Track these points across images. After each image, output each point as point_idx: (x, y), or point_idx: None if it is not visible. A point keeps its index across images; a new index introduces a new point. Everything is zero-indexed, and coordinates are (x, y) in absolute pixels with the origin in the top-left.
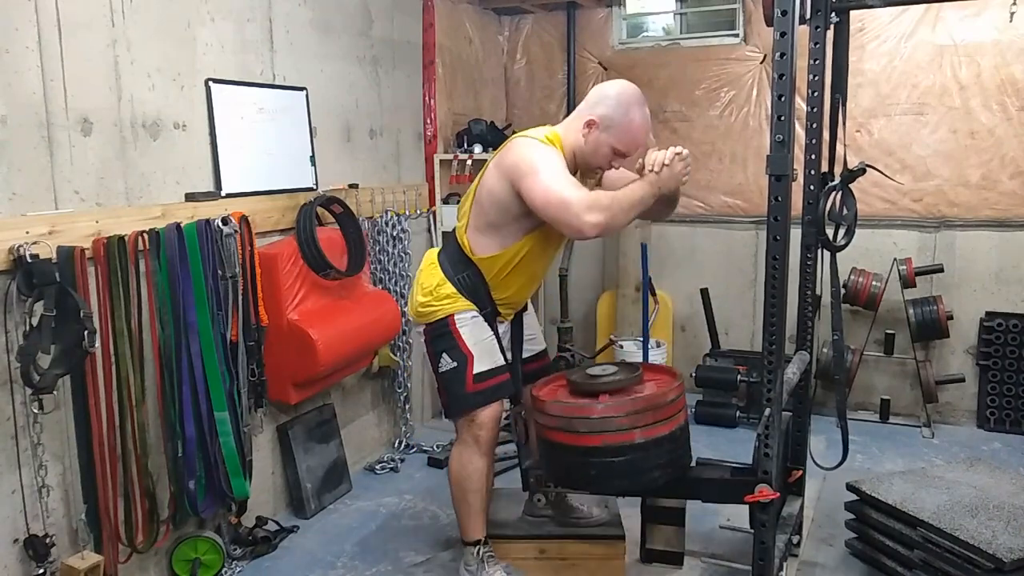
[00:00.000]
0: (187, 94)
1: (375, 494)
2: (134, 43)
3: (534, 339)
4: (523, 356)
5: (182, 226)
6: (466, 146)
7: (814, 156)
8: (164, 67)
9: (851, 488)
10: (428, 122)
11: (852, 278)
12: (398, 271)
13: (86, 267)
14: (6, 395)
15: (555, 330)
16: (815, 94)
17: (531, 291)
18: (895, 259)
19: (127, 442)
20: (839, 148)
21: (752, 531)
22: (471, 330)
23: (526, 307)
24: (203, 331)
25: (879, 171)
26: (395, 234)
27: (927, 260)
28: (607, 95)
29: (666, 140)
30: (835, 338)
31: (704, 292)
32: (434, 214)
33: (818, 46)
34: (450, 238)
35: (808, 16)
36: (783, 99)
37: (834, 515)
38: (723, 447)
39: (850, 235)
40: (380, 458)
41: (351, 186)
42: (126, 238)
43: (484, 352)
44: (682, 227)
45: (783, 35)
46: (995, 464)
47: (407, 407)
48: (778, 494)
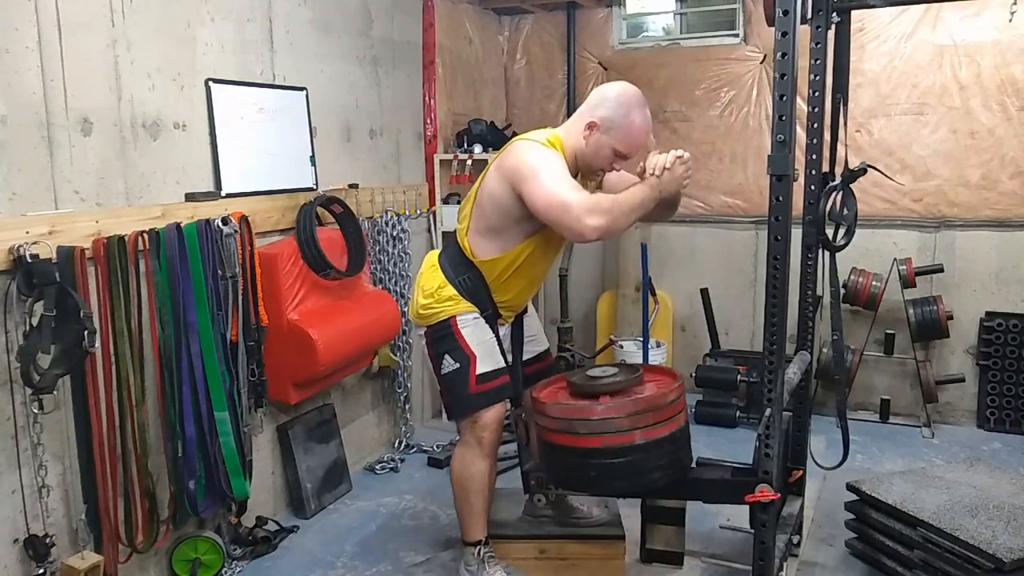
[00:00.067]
0: (187, 94)
1: (375, 494)
2: (134, 43)
3: (535, 339)
4: (526, 357)
5: (182, 226)
6: (466, 146)
7: (815, 156)
8: (164, 67)
9: (851, 488)
10: (428, 122)
11: (852, 278)
12: (398, 271)
13: (86, 267)
14: (6, 395)
15: (555, 330)
16: (816, 94)
17: (531, 294)
18: (895, 259)
19: (127, 442)
20: (840, 148)
21: (752, 531)
22: (473, 331)
23: (526, 309)
24: (203, 331)
25: (880, 171)
26: (395, 234)
27: (927, 260)
28: (607, 97)
29: (666, 140)
30: (835, 338)
31: (704, 292)
32: (434, 214)
33: (819, 46)
34: (451, 240)
35: (809, 16)
36: (784, 99)
37: (834, 515)
38: (723, 447)
39: (850, 235)
40: (380, 458)
41: (351, 186)
42: (126, 238)
43: (486, 353)
44: (682, 227)
45: (784, 35)
46: (995, 464)
47: (407, 407)
48: (778, 494)
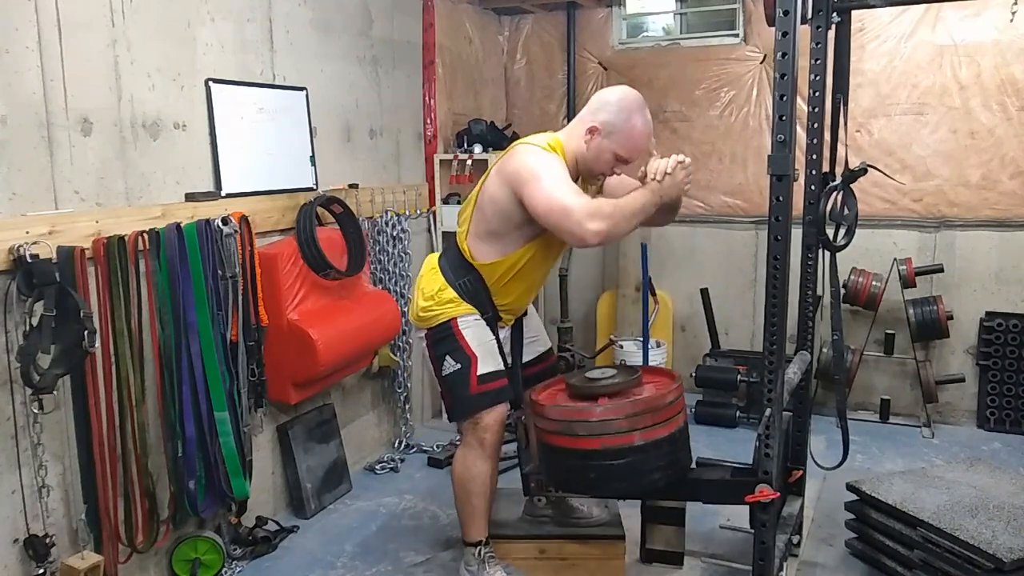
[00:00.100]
0: (187, 94)
1: (375, 494)
2: (134, 43)
3: (537, 340)
4: (528, 358)
5: (182, 226)
6: (466, 146)
7: (815, 156)
8: (164, 67)
9: (851, 488)
10: (428, 122)
11: (852, 278)
12: (398, 271)
13: (86, 267)
14: (6, 395)
15: (555, 330)
16: (816, 94)
17: (531, 297)
18: (895, 259)
19: (127, 442)
20: (840, 148)
21: (752, 531)
22: (474, 332)
23: (526, 311)
24: (203, 331)
25: (880, 171)
26: (395, 234)
27: (927, 260)
28: (608, 101)
29: (666, 140)
30: (835, 338)
31: (704, 292)
32: (434, 214)
33: (819, 46)
34: (450, 243)
35: (809, 16)
36: (785, 99)
37: (834, 515)
38: (723, 447)
39: (850, 235)
40: (380, 458)
41: (351, 186)
42: (126, 238)
43: (487, 354)
44: (682, 227)
45: (785, 35)
46: (995, 464)
47: (407, 407)
48: (778, 494)
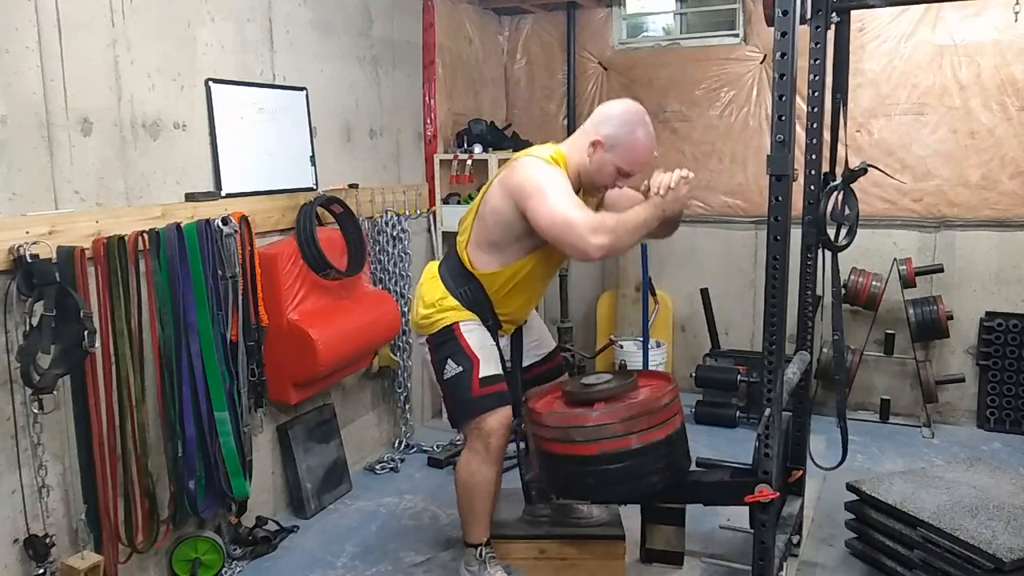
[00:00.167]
0: (187, 94)
1: (375, 494)
2: (134, 43)
3: (540, 343)
4: (533, 361)
5: (182, 226)
6: (466, 146)
7: (814, 156)
8: (164, 67)
9: (851, 488)
10: (428, 122)
11: (852, 278)
12: (398, 271)
13: (86, 267)
14: (6, 395)
15: (555, 330)
16: (815, 94)
17: (532, 307)
18: (895, 259)
19: (127, 442)
20: (840, 148)
21: (752, 531)
22: (476, 336)
23: (526, 320)
24: (203, 331)
25: (881, 171)
26: (395, 234)
27: (927, 260)
28: (611, 115)
29: (666, 140)
30: (836, 338)
31: (704, 292)
32: (434, 214)
33: (819, 46)
34: (450, 251)
35: (809, 16)
36: (784, 99)
37: (834, 515)
38: (723, 447)
39: (852, 235)
40: (380, 458)
41: (351, 186)
42: (126, 238)
43: (489, 357)
44: (682, 227)
45: (784, 35)
46: (995, 464)
47: (407, 407)
48: (778, 494)
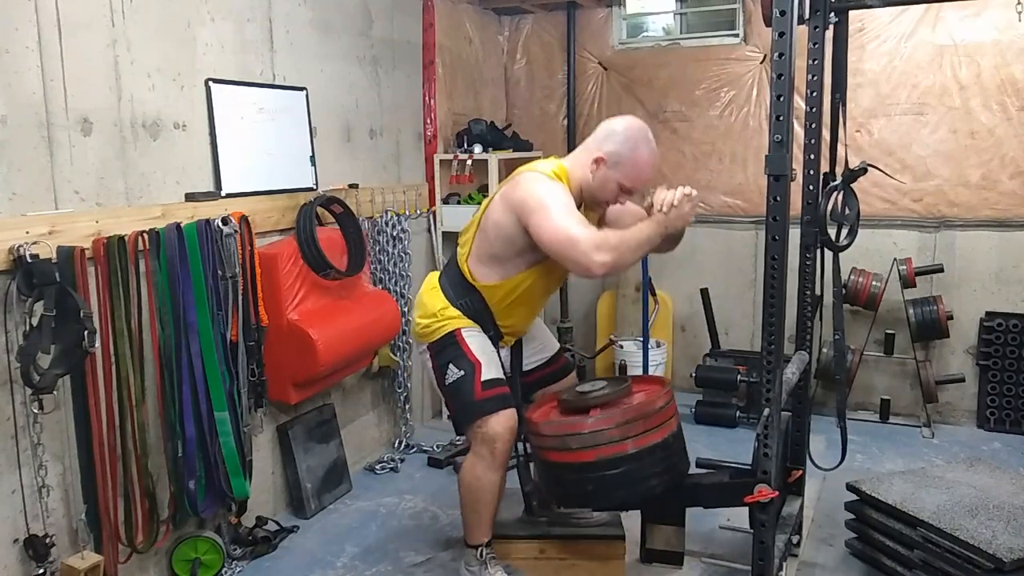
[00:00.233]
0: (187, 94)
1: (375, 494)
2: (134, 43)
3: (543, 347)
4: (537, 364)
5: (182, 226)
6: (466, 146)
7: (813, 156)
8: (164, 67)
9: (851, 488)
10: (428, 122)
11: (852, 278)
12: (398, 271)
13: (86, 267)
14: (6, 395)
15: (555, 330)
16: (814, 94)
17: (533, 319)
18: (895, 259)
19: (127, 442)
20: (840, 148)
21: (752, 531)
22: (477, 341)
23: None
24: (203, 331)
25: (881, 171)
26: (395, 234)
27: (927, 260)
28: (615, 131)
29: (666, 140)
30: (836, 338)
31: (704, 292)
32: (434, 214)
33: (817, 46)
34: (451, 262)
35: (807, 16)
36: (782, 99)
37: (834, 515)
38: (723, 447)
39: (853, 235)
40: (380, 458)
41: (351, 186)
42: (126, 238)
43: (490, 361)
44: None
45: (782, 35)
46: (995, 464)
47: (407, 407)
48: (777, 493)
